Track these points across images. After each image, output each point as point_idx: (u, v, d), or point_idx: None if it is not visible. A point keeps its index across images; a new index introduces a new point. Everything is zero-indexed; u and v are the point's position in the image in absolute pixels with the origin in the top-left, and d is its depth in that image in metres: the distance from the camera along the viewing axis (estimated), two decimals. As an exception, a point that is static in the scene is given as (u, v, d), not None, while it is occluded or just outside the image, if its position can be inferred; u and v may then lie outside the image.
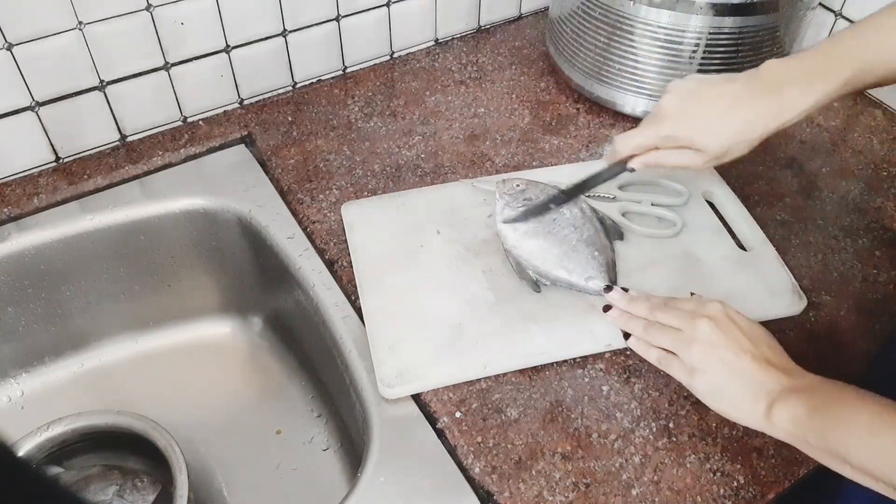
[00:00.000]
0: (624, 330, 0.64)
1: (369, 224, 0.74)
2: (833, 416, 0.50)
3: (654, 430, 0.61)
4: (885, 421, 0.48)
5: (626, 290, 0.66)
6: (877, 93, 0.93)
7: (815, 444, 0.51)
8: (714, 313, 0.58)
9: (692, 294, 0.64)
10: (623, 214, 0.75)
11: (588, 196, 0.74)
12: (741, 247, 0.74)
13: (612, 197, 0.76)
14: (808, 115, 0.61)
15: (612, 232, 0.73)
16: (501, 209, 0.72)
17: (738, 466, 0.59)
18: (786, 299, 0.69)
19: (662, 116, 0.64)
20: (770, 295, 0.69)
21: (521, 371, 0.64)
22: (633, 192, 0.77)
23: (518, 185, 0.74)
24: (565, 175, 0.76)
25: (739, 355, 0.55)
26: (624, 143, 0.67)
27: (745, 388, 0.55)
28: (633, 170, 0.68)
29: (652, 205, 0.76)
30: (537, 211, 0.71)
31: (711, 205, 0.78)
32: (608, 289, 0.66)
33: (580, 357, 0.65)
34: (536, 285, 0.69)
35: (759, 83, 0.61)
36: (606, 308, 0.66)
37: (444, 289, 0.69)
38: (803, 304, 0.69)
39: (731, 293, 0.68)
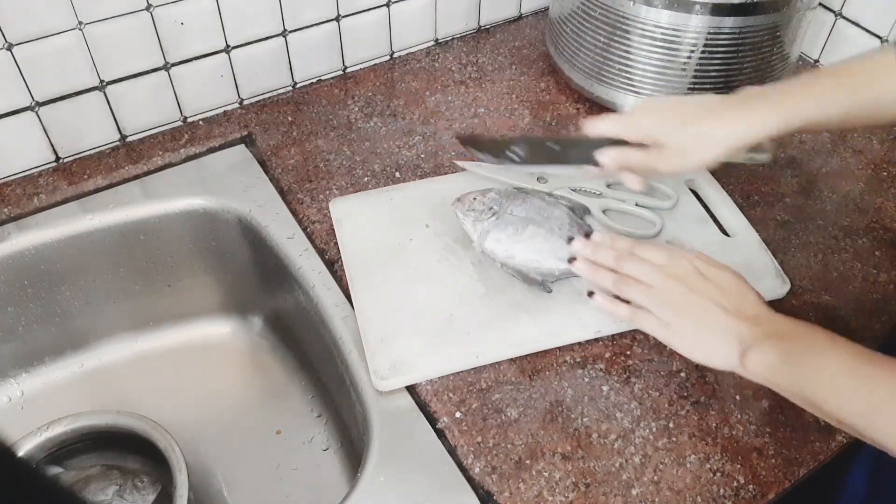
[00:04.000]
0: (593, 280, 0.65)
1: (358, 219, 0.75)
2: (804, 362, 0.52)
3: (654, 430, 0.61)
4: (853, 368, 0.49)
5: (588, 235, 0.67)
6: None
7: (789, 389, 0.53)
8: (684, 268, 0.60)
9: (667, 242, 0.64)
10: (604, 211, 0.76)
11: (574, 190, 0.75)
12: (725, 233, 0.75)
13: (597, 193, 0.77)
14: (778, 133, 0.61)
15: (578, 209, 0.73)
16: (472, 224, 0.70)
17: (738, 466, 0.59)
18: (769, 283, 0.70)
19: (633, 111, 0.67)
20: (754, 279, 0.69)
21: (521, 371, 0.64)
22: (620, 190, 0.77)
23: (475, 198, 0.71)
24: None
25: (710, 309, 0.58)
26: (599, 121, 0.67)
27: (717, 339, 0.57)
28: (600, 165, 0.67)
29: (636, 205, 0.76)
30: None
31: (695, 193, 0.79)
32: (570, 240, 0.67)
33: (572, 346, 0.66)
34: (546, 286, 0.69)
35: (733, 99, 0.63)
36: (571, 259, 0.66)
37: (434, 281, 0.69)
38: (786, 287, 0.70)
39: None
